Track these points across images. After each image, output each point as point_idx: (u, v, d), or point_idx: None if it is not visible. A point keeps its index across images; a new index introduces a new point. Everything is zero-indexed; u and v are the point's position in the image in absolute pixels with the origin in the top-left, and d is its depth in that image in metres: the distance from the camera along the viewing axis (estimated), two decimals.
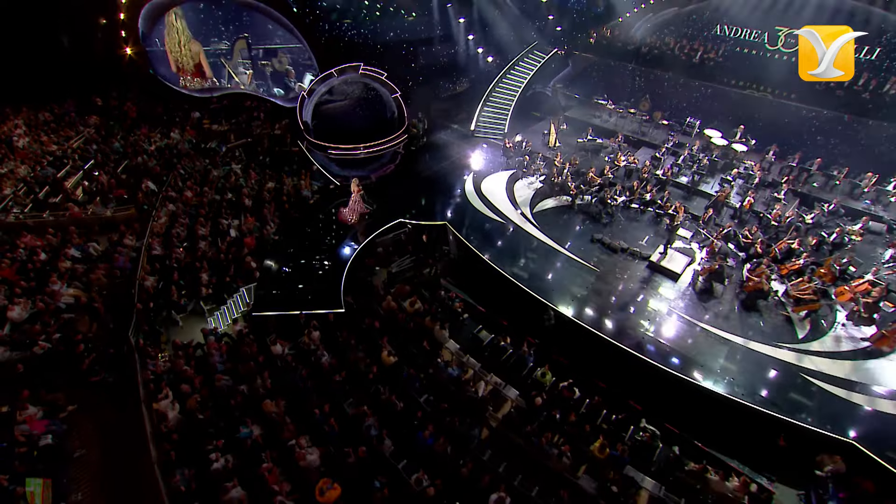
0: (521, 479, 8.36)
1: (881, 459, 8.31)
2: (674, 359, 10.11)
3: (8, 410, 8.59)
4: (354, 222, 13.70)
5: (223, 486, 7.62)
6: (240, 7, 18.56)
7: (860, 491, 8.37)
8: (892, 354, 10.33)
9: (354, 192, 13.74)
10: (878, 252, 13.02)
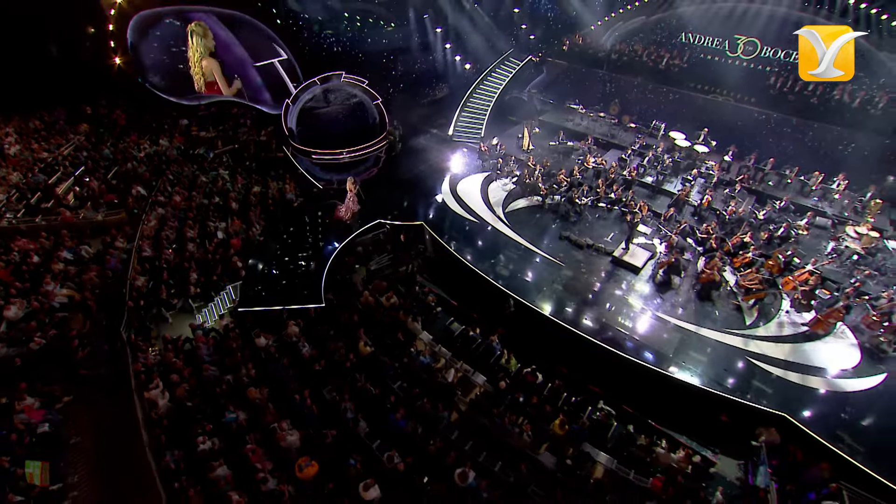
0: (486, 455, 9.07)
1: (809, 430, 9.15)
2: (630, 345, 10.89)
3: (6, 402, 9.14)
4: (349, 219, 14.41)
5: (210, 465, 8.24)
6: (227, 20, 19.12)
7: (791, 458, 9.20)
8: (827, 337, 11.25)
9: (350, 191, 14.45)
10: (823, 245, 13.95)
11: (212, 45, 20.57)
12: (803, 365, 10.66)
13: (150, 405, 9.27)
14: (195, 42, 20.29)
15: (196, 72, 20.91)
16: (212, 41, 20.39)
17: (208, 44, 20.46)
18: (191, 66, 20.69)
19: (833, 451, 8.81)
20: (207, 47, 20.58)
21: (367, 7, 18.65)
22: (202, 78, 21.07)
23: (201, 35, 20.01)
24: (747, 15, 17.89)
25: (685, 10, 19.52)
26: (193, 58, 20.62)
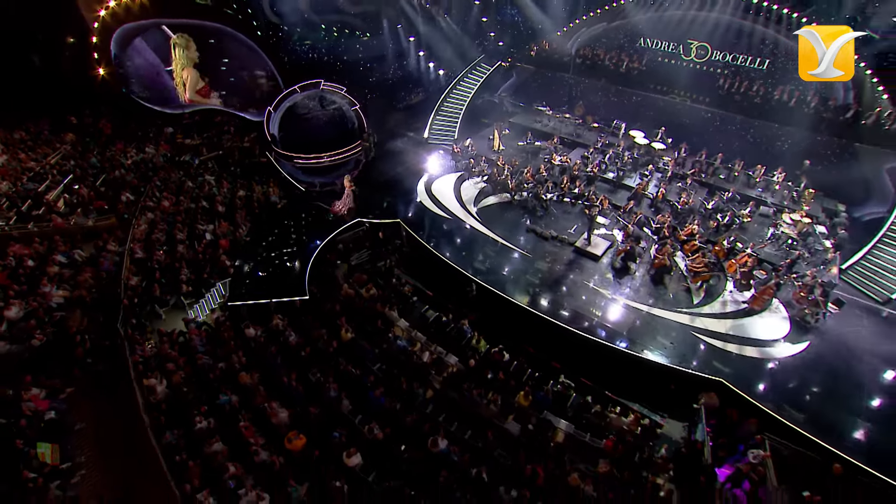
0: (457, 425, 10.03)
1: (742, 392, 10.31)
2: (590, 325, 11.95)
3: (12, 394, 9.79)
4: (345, 214, 15.31)
5: (207, 442, 9.04)
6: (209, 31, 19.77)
7: (728, 419, 10.33)
8: (763, 312, 12.48)
9: (347, 188, 15.32)
10: (764, 231, 15.24)
11: (195, 57, 21.18)
12: (741, 337, 11.87)
13: (148, 392, 10.01)
14: (178, 54, 20.88)
15: (178, 82, 21.52)
16: (195, 52, 20.99)
17: (191, 55, 21.06)
18: (174, 77, 21.31)
19: (761, 409, 9.99)
20: (190, 58, 21.18)
21: (343, 18, 19.47)
22: (184, 88, 21.69)
23: (184, 47, 20.60)
24: (696, 21, 19.19)
25: (641, 18, 20.78)
26: (176, 69, 21.23)
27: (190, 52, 20.94)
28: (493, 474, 8.97)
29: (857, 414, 10.04)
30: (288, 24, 18.24)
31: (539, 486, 8.82)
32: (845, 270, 13.77)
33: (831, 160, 16.68)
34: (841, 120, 16.25)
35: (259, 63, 19.56)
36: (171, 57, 20.80)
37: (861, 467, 8.84)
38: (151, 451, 9.03)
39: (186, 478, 8.41)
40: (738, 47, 18.49)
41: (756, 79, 18.39)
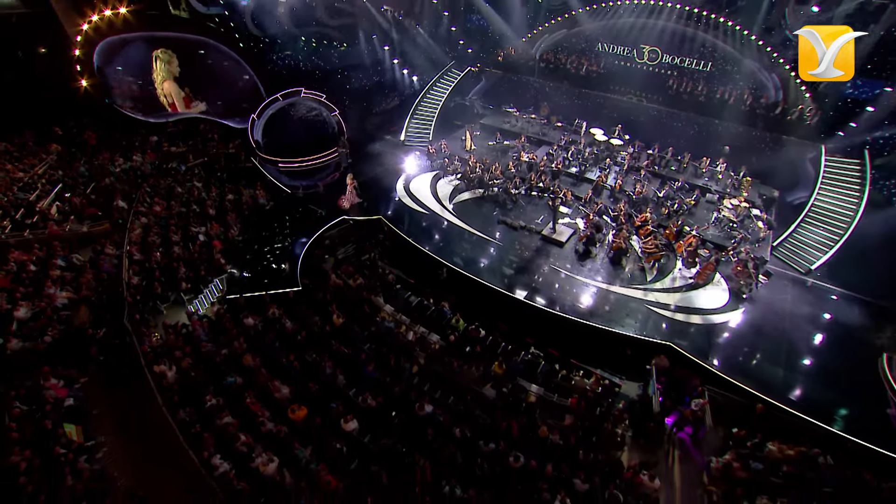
0: (440, 392, 11.26)
1: (689, 354, 11.85)
2: (556, 302, 13.36)
3: (31, 384, 10.59)
4: (348, 208, 16.65)
5: (218, 416, 10.04)
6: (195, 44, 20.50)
7: (675, 377, 11.85)
8: (707, 285, 14.12)
9: (349, 185, 16.56)
10: (709, 215, 16.97)
11: (175, 70, 21.88)
12: (688, 307, 13.48)
13: (160, 377, 10.92)
14: (159, 67, 21.56)
15: (160, 93, 22.19)
16: (176, 67, 21.70)
17: (172, 69, 21.76)
18: (156, 88, 21.98)
19: (703, 367, 11.55)
20: (171, 72, 21.88)
21: (322, 30, 20.45)
22: (163, 98, 22.36)
23: (166, 61, 21.30)
24: (646, 28, 20.82)
25: (597, 25, 22.37)
26: (157, 81, 21.89)
27: (171, 66, 21.68)
28: (474, 431, 10.25)
29: (780, 365, 11.73)
30: (269, 36, 19.13)
31: (514, 437, 10.15)
32: (776, 247, 15.59)
33: (765, 151, 18.58)
34: (771, 116, 18.17)
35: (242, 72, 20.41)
36: (153, 69, 21.51)
37: (778, 406, 10.47)
38: (167, 426, 10.00)
39: (202, 447, 9.43)
40: (683, 51, 20.27)
41: (700, 80, 20.22)
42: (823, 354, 12.30)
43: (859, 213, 15.17)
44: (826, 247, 15.07)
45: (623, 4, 20.60)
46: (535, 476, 9.37)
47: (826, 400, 10.94)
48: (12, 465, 8.66)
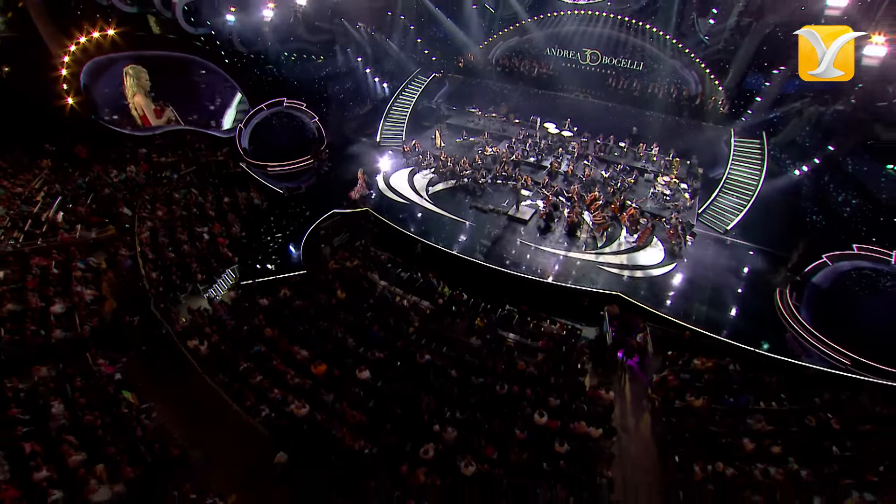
0: (435, 345, 13.38)
1: (634, 300, 14.42)
2: (525, 268, 15.72)
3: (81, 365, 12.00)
4: (358, 199, 18.60)
5: (251, 376, 11.78)
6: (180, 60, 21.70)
7: (623, 319, 14.37)
8: (646, 247, 16.84)
9: (360, 179, 18.42)
10: (646, 190, 19.80)
11: (146, 84, 22.92)
12: (632, 265, 16.13)
13: (194, 351, 12.52)
14: (129, 83, 22.59)
15: (131, 107, 23.23)
16: (146, 80, 22.74)
17: (142, 83, 22.81)
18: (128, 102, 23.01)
19: (645, 309, 14.15)
20: (141, 86, 22.93)
21: (300, 46, 22.09)
22: (134, 112, 23.39)
23: (134, 76, 22.33)
24: (587, 34, 23.65)
25: (545, 32, 24.98)
26: (129, 95, 22.93)
27: (141, 80, 22.75)
28: (465, 370, 12.42)
29: (704, 304, 14.49)
30: (253, 52, 20.62)
31: (498, 373, 12.39)
32: (700, 214, 18.54)
33: (689, 136, 21.64)
34: (692, 106, 21.26)
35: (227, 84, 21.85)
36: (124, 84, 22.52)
37: (701, 332, 13.20)
38: (207, 389, 11.68)
39: (243, 399, 11.18)
40: (619, 53, 23.18)
41: (634, 77, 23.19)
42: (736, 294, 15.20)
43: (761, 181, 18.33)
44: (738, 211, 18.14)
45: (566, 15, 23.30)
46: (517, 399, 11.65)
47: (736, 326, 13.79)
48: (88, 424, 10.21)
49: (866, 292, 13.40)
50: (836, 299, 13.91)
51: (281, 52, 20.95)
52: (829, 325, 13.30)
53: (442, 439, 10.58)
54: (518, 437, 10.72)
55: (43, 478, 9.06)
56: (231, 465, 10.32)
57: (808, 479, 10.01)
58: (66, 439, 9.65)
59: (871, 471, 10.04)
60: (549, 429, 10.97)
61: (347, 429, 10.63)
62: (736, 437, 10.89)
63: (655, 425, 11.79)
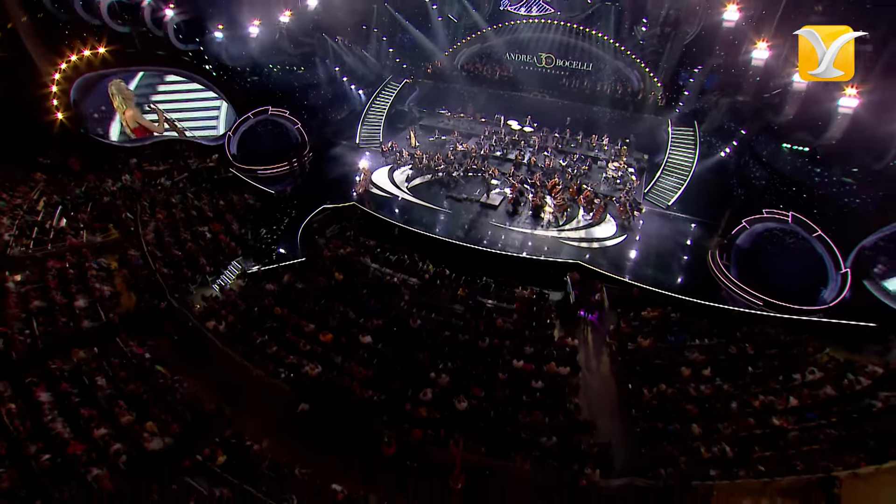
0: (425, 312, 15.29)
1: (591, 266, 16.72)
2: (498, 245, 17.83)
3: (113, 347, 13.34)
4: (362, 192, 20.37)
5: (268, 346, 13.39)
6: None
7: (583, 283, 16.66)
8: (601, 223, 19.25)
9: (364, 175, 20.27)
10: (599, 175, 22.30)
11: (131, 96, 23.87)
12: (589, 238, 18.49)
13: (214, 330, 14.01)
14: (116, 101, 23.53)
15: (122, 121, 24.18)
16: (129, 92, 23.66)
17: (128, 97, 23.77)
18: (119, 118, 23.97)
19: (601, 273, 16.47)
20: (128, 100, 23.89)
21: (282, 58, 23.58)
22: (126, 125, 24.34)
23: (118, 93, 23.29)
24: (542, 40, 26.09)
25: (504, 39, 27.30)
26: (119, 112, 23.89)
27: (126, 95, 23.68)
28: (452, 330, 14.39)
29: (650, 266, 16.94)
30: (239, 65, 21.98)
31: (480, 330, 14.40)
32: (647, 193, 21.13)
33: (635, 127, 24.31)
34: (636, 100, 23.94)
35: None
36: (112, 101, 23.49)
37: (648, 288, 15.61)
38: (230, 360, 13.22)
39: (263, 365, 12.81)
40: (570, 56, 25.69)
41: (584, 77, 25.76)
42: (676, 257, 17.76)
43: (695, 163, 21.08)
44: (677, 189, 20.80)
45: (522, 23, 25.67)
46: (497, 349, 13.71)
47: (676, 282, 16.29)
48: (131, 392, 11.66)
49: (774, 248, 16.09)
50: (754, 255, 16.61)
51: (265, 64, 22.38)
52: (748, 276, 15.99)
53: (437, 384, 12.53)
54: (500, 379, 12.80)
55: (102, 434, 10.52)
56: (260, 417, 11.94)
57: (729, 390, 12.52)
58: (119, 404, 11.08)
59: (773, 380, 12.65)
60: (525, 371, 13.07)
61: (357, 382, 12.43)
62: (676, 366, 13.29)
63: (613, 363, 14.10)
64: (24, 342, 12.87)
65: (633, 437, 11.73)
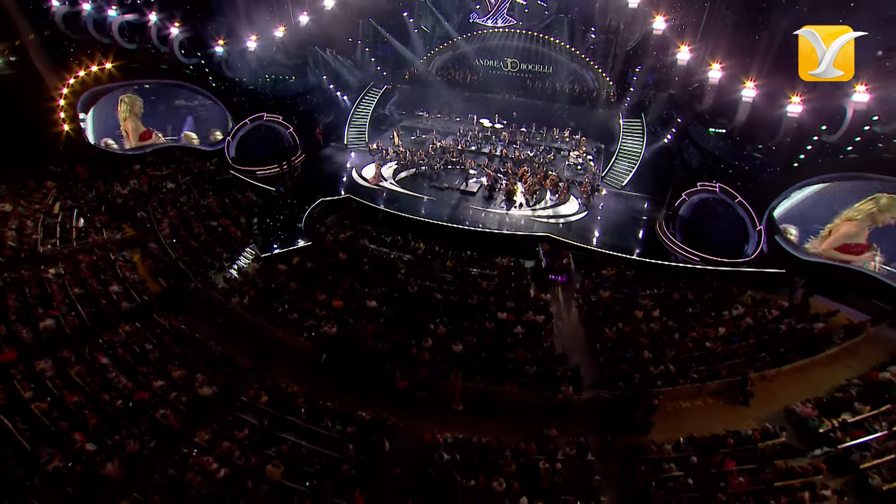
0: (420, 281, 17.43)
1: (558, 237, 19.23)
2: (479, 225, 20.15)
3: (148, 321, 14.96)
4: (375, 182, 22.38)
5: (288, 314, 15.27)
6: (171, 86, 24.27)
7: (553, 251, 19.12)
8: (566, 203, 21.83)
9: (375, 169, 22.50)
10: (563, 163, 24.96)
11: (139, 111, 25.22)
12: (556, 215, 21.03)
13: (238, 304, 15.78)
14: (122, 109, 24.85)
15: (122, 130, 25.47)
16: (139, 108, 25.04)
17: (135, 110, 25.10)
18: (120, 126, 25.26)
19: (567, 242, 18.99)
20: (134, 112, 25.21)
21: (276, 69, 25.39)
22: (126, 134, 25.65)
23: (129, 104, 24.65)
24: (507, 47, 28.70)
25: (473, 47, 29.78)
26: (120, 119, 25.17)
27: (135, 108, 25.03)
28: (444, 293, 16.60)
29: (608, 235, 19.58)
30: (238, 76, 23.65)
31: (468, 291, 16.65)
32: (604, 176, 23.88)
33: (592, 120, 27.14)
34: (591, 97, 26.76)
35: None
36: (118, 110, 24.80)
37: (607, 253, 18.22)
38: (255, 325, 15.04)
39: (288, 327, 14.70)
40: (532, 60, 28.35)
41: (546, 78, 28.46)
42: (630, 227, 20.49)
43: (643, 149, 23.97)
44: (629, 171, 23.62)
45: (489, 33, 28.23)
46: (483, 305, 15.97)
47: (629, 246, 18.97)
48: (177, 354, 13.40)
49: (707, 214, 18.98)
50: (693, 220, 19.47)
51: (261, 75, 24.10)
52: (689, 238, 18.82)
53: (436, 334, 14.69)
54: (488, 328, 15.07)
55: (160, 385, 12.26)
56: (290, 370, 13.80)
57: (672, 325, 15.15)
58: (174, 360, 12.85)
59: (707, 317, 15.37)
60: (508, 320, 15.38)
61: (368, 337, 14.48)
62: (630, 311, 15.86)
63: (580, 313, 16.57)
64: (74, 321, 14.39)
65: (597, 364, 14.18)
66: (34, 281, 16.03)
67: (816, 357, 13.74)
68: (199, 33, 21.93)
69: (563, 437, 11.72)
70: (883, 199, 15.98)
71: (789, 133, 15.88)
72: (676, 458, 11.01)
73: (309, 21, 25.19)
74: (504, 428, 12.08)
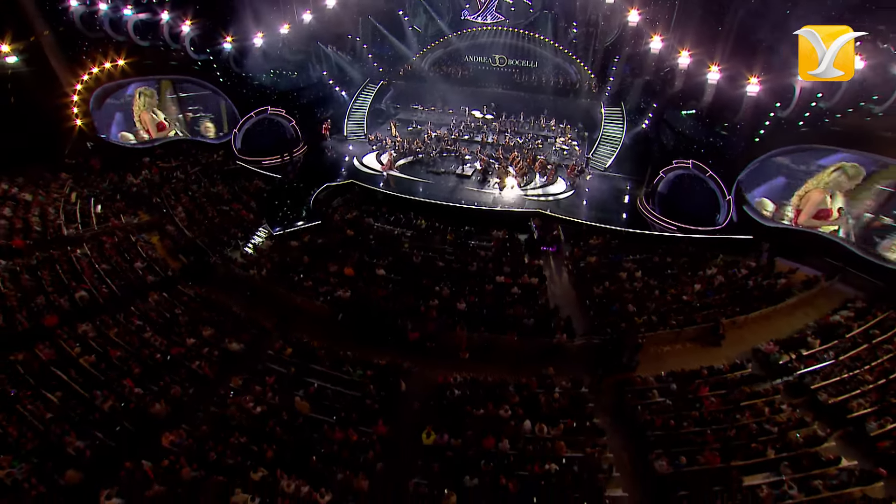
0: (423, 252, 18.58)
1: (549, 212, 20.52)
2: (474, 204, 21.35)
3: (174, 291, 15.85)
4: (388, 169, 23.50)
5: (304, 283, 16.29)
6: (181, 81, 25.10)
7: (544, 225, 20.40)
8: (554, 183, 23.17)
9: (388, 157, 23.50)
10: (550, 148, 26.31)
11: (156, 104, 25.99)
12: (546, 194, 22.34)
13: (257, 276, 16.74)
14: (141, 102, 25.56)
15: (137, 122, 26.16)
16: (155, 100, 25.83)
17: (153, 103, 25.87)
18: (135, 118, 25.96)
19: (557, 217, 20.29)
20: (150, 105, 25.96)
21: (279, 65, 26.36)
22: (140, 126, 26.34)
23: (148, 96, 25.41)
24: (496, 44, 29.99)
25: (464, 44, 31.01)
26: (136, 112, 25.87)
27: (153, 101, 25.78)
28: (446, 261, 17.77)
29: (594, 209, 20.94)
30: (244, 71, 24.55)
31: (467, 259, 17.83)
32: (589, 159, 25.28)
33: (575, 110, 28.57)
34: (574, 89, 28.21)
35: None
36: (134, 102, 25.52)
37: (594, 225, 19.56)
38: (275, 294, 16.04)
39: (304, 293, 15.72)
40: (519, 55, 29.70)
41: (532, 72, 29.82)
42: (613, 203, 21.88)
43: (624, 134, 25.44)
44: (611, 155, 25.07)
45: (479, 30, 29.52)
46: (482, 271, 17.17)
47: (613, 219, 20.34)
48: (205, 317, 14.34)
49: (683, 188, 20.46)
50: (670, 195, 20.93)
51: (266, 70, 25.04)
52: (668, 210, 20.26)
53: (441, 296, 15.84)
54: (487, 289, 16.27)
55: (192, 343, 13.22)
56: (310, 328, 14.83)
57: (653, 284, 16.51)
58: (203, 322, 13.80)
59: (684, 276, 16.78)
60: (506, 283, 16.59)
61: (382, 297, 15.58)
62: (615, 273, 17.19)
63: (570, 276, 17.87)
64: (106, 293, 15.24)
65: (588, 318, 15.47)
66: (63, 259, 16.82)
67: (779, 306, 15.20)
68: (208, 31, 22.78)
69: (559, 376, 12.95)
70: (849, 168, 17.38)
71: (749, 111, 17.37)
72: (659, 388, 12.31)
73: (312, 18, 26.22)
74: (506, 370, 13.26)
